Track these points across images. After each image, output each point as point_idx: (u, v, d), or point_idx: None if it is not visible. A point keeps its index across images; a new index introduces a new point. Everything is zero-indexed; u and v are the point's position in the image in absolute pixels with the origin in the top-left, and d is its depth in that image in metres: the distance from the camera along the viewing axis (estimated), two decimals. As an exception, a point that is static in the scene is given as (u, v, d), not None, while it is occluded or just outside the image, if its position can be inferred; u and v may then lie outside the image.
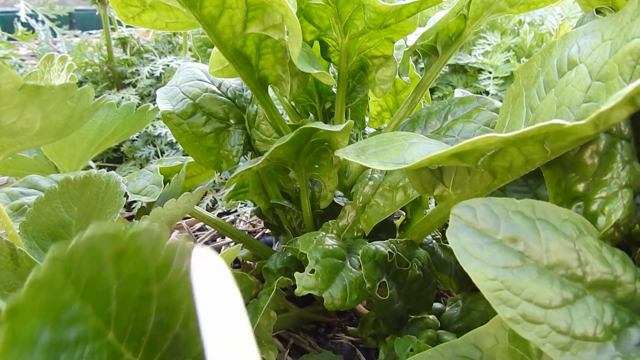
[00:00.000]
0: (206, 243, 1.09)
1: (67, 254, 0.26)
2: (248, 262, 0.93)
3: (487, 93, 1.63)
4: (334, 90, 0.79)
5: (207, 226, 1.17)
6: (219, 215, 1.22)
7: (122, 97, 1.45)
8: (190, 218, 1.17)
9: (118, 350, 0.30)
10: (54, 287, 0.27)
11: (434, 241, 0.75)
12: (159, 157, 1.36)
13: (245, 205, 1.24)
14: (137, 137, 1.39)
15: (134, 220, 0.92)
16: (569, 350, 0.35)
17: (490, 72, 1.65)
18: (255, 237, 1.10)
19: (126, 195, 0.66)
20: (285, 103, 0.79)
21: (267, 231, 1.10)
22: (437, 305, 0.74)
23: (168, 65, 1.53)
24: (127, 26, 1.83)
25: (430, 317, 0.68)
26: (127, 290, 0.30)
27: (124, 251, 0.28)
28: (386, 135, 0.52)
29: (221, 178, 1.37)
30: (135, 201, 1.23)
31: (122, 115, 0.82)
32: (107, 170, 0.58)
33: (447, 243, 0.81)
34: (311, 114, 0.80)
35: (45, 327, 0.26)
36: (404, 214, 0.88)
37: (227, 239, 1.10)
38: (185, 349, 0.31)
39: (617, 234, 0.44)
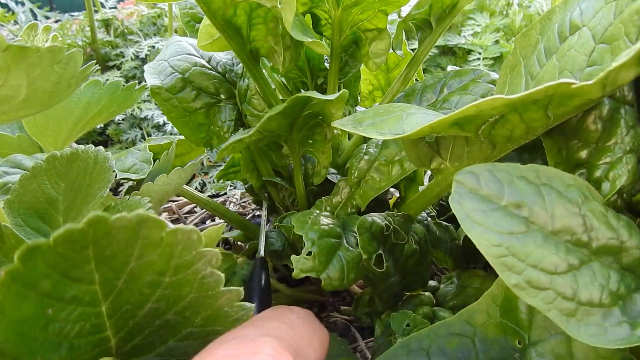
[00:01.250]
0: (195, 225, 1.07)
1: (108, 223, 0.25)
2: (239, 242, 0.92)
3: (476, 74, 1.62)
4: (326, 65, 0.77)
5: (196, 209, 1.15)
6: (209, 197, 1.20)
7: (107, 80, 1.42)
8: (179, 200, 1.15)
9: (102, 325, 0.29)
10: (76, 244, 0.26)
11: (429, 218, 0.75)
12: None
13: (235, 188, 1.22)
14: (122, 119, 1.37)
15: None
16: (574, 317, 0.34)
17: (479, 53, 1.64)
18: (246, 219, 1.09)
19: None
20: (277, 80, 0.77)
21: (258, 213, 1.08)
22: (432, 283, 0.73)
23: (153, 46, 1.50)
24: (111, 7, 1.79)
25: (426, 294, 0.67)
26: (140, 273, 0.29)
27: (160, 240, 0.27)
28: (383, 107, 0.51)
29: (210, 161, 1.35)
30: (121, 185, 1.21)
31: (108, 93, 0.80)
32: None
33: (443, 220, 0.80)
34: (303, 91, 0.78)
35: (51, 276, 0.25)
36: (398, 193, 0.87)
37: (217, 221, 1.08)
38: (172, 331, 0.30)
39: (620, 201, 0.44)
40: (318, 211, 0.58)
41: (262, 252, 0.64)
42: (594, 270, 0.36)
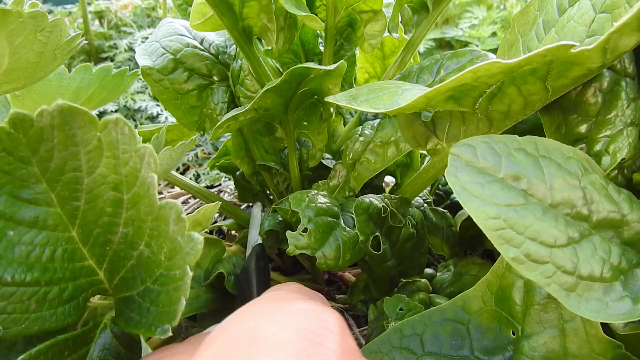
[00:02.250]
0: (189, 214, 1.06)
1: (35, 120, 0.24)
2: (233, 232, 0.91)
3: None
4: (321, 49, 0.76)
5: (190, 199, 1.14)
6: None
7: (101, 71, 1.40)
8: (173, 191, 1.14)
9: (80, 252, 0.28)
10: (16, 160, 0.25)
11: (425, 204, 0.73)
12: (139, 131, 1.32)
13: (230, 179, 1.21)
14: (116, 110, 1.35)
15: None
16: (574, 291, 0.33)
17: (477, 45, 1.63)
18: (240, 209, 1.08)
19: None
20: (271, 65, 0.76)
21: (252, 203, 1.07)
22: (428, 270, 0.72)
23: (147, 38, 1.48)
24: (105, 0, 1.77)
25: (422, 280, 0.66)
26: (98, 189, 0.28)
27: (99, 141, 0.26)
28: (378, 84, 0.50)
29: (204, 152, 1.33)
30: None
31: (98, 78, 0.78)
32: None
33: (439, 207, 0.79)
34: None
35: (1, 197, 0.24)
36: (394, 180, 0.86)
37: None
38: (147, 270, 0.29)
39: (620, 177, 0.42)
40: (316, 191, 0.57)
41: (258, 240, 0.63)
42: (595, 244, 0.35)
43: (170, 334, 0.27)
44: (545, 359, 0.41)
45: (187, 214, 1.05)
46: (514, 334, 0.43)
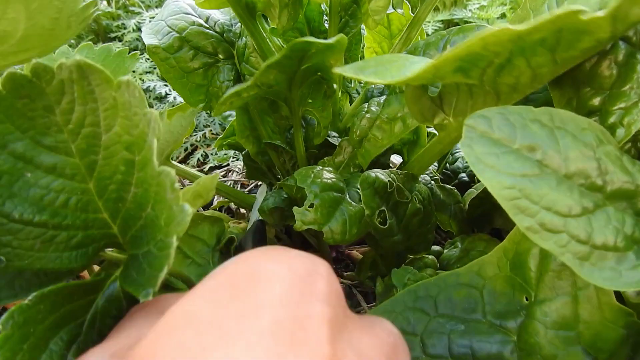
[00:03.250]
0: (188, 186, 1.06)
1: (55, 73, 0.24)
2: (242, 210, 0.91)
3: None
4: (327, 27, 0.75)
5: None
6: (211, 169, 1.19)
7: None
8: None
9: (95, 204, 0.30)
10: (39, 108, 0.25)
11: (432, 182, 0.73)
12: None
13: (237, 160, 1.21)
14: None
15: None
16: (588, 260, 0.33)
17: (483, 25, 1.61)
18: (247, 189, 1.08)
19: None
20: (276, 44, 0.75)
21: (259, 183, 1.07)
22: (435, 247, 0.72)
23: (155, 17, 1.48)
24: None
25: (429, 257, 0.66)
26: (114, 147, 0.29)
27: (114, 100, 0.26)
28: (385, 56, 0.49)
29: (212, 133, 1.33)
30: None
31: (100, 57, 0.78)
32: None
33: (446, 184, 0.79)
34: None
35: (20, 136, 0.25)
36: (401, 160, 0.86)
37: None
38: (152, 232, 0.29)
39: (633, 150, 0.42)
40: (321, 167, 0.57)
41: (258, 215, 0.63)
42: (609, 214, 0.34)
43: (151, 297, 0.28)
44: (556, 324, 0.41)
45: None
46: (527, 299, 0.43)
